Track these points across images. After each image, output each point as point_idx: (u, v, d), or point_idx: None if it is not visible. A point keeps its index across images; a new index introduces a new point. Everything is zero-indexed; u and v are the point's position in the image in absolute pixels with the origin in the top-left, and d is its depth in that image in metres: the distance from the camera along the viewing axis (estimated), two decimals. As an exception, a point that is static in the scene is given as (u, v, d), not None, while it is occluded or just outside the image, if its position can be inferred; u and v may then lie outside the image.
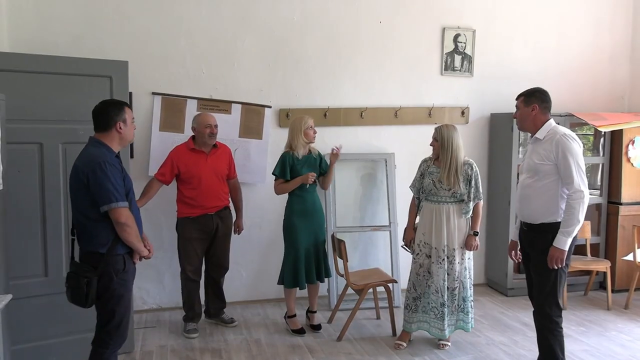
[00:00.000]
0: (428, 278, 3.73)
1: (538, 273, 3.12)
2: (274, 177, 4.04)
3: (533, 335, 3.34)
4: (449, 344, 3.86)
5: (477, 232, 3.73)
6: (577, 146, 3.00)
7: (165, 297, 4.61)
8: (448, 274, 3.71)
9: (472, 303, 3.83)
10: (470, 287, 3.79)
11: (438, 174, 3.69)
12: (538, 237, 3.09)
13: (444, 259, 3.68)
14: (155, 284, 4.58)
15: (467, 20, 5.05)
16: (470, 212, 3.72)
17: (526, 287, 3.35)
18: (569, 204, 2.97)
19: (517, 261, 3.42)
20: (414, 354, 3.75)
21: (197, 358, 3.70)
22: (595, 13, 5.38)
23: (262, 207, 4.69)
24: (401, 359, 3.69)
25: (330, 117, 4.76)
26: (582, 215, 2.96)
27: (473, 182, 3.68)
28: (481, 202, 3.78)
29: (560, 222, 3.01)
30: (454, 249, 3.70)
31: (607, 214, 5.13)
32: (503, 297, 4.99)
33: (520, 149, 4.93)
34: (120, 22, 4.30)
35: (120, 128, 2.78)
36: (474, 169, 3.71)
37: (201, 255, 4.10)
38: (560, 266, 3.00)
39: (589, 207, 3.13)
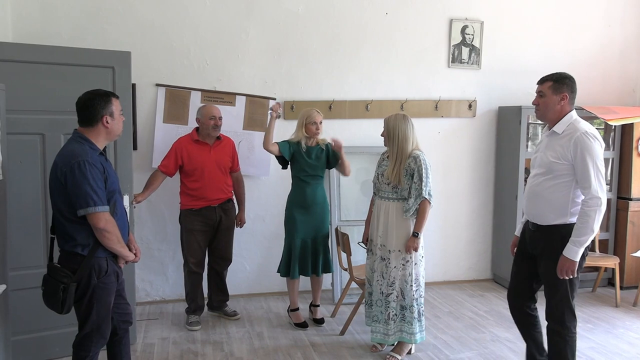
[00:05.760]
0: (373, 275, 3.58)
1: (547, 280, 2.85)
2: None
3: (538, 331, 3.28)
4: (382, 349, 3.66)
5: (418, 234, 3.35)
6: (598, 146, 2.67)
7: (168, 289, 4.61)
8: (382, 277, 3.45)
9: (422, 312, 3.48)
10: (415, 296, 3.41)
11: (385, 167, 3.47)
12: (546, 240, 2.82)
13: (380, 259, 3.47)
14: (159, 275, 4.57)
15: (475, 11, 4.97)
16: (412, 212, 3.34)
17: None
18: (583, 211, 2.66)
19: None
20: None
21: (199, 350, 3.69)
22: (606, 6, 5.28)
23: (266, 200, 4.67)
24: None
25: (335, 109, 4.71)
26: (597, 225, 2.66)
27: (416, 177, 3.31)
28: (427, 202, 3.33)
29: (570, 224, 2.74)
30: (389, 251, 3.41)
31: (616, 209, 5.05)
32: (509, 292, 4.94)
33: (529, 143, 4.85)
34: (124, 13, 4.27)
35: (107, 122, 2.57)
36: (419, 162, 3.31)
37: (204, 247, 4.08)
38: (571, 277, 2.73)
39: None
